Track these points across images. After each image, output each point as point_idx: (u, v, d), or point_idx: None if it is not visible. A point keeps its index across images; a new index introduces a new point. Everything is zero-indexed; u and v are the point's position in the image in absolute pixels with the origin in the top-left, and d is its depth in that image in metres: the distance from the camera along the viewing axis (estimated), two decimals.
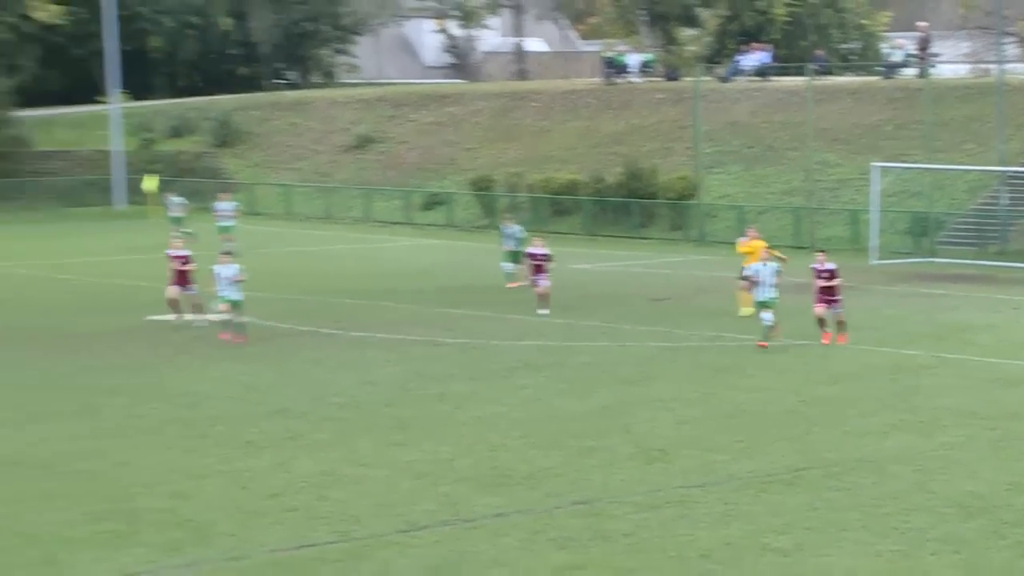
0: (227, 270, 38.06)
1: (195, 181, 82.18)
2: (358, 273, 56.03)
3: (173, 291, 40.79)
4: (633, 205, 71.06)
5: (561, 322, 41.52)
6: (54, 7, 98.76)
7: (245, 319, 37.95)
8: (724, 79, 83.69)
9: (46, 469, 24.59)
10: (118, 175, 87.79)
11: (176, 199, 70.84)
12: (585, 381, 32.59)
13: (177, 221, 67.91)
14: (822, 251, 38.62)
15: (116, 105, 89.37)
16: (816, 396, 30.81)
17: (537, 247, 44.46)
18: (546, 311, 42.54)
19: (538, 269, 43.49)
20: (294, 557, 19.39)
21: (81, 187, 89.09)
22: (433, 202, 79.90)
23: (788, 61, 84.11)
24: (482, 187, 77.29)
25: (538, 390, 31.63)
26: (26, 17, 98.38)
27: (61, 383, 32.82)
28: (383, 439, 26.72)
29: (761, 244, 41.39)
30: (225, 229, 63.25)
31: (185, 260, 41.13)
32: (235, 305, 37.91)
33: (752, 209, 66.78)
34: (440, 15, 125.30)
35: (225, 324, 37.32)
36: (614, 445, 26.02)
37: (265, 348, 37.69)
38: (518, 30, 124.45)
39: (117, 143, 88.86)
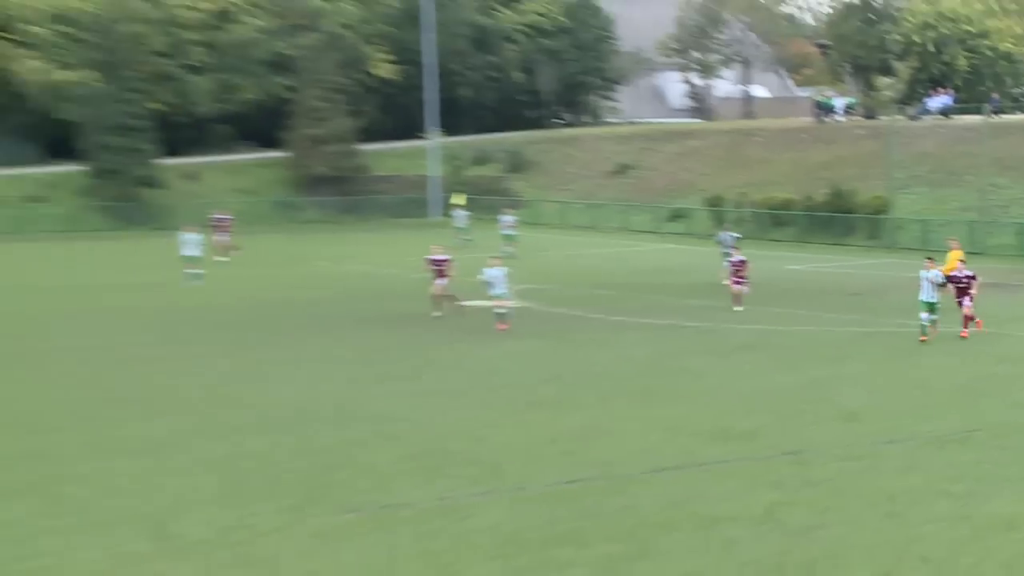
0: (495, 272, 37.76)
1: (492, 199, 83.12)
2: (616, 271, 56.09)
3: (438, 287, 40.54)
4: (836, 218, 70.28)
5: (776, 311, 41.04)
6: (389, 65, 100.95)
7: (504, 311, 37.38)
8: (913, 118, 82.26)
9: (381, 418, 25.20)
10: (433, 194, 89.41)
11: (461, 212, 71.76)
12: (794, 358, 32.23)
13: (460, 230, 68.84)
14: (962, 260, 37.11)
15: (433, 140, 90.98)
16: (985, 373, 29.98)
17: (736, 255, 43.49)
18: (740, 308, 41.16)
19: (737, 274, 42.25)
20: (564, 490, 19.57)
21: (404, 204, 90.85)
22: (675, 216, 79.63)
23: (967, 103, 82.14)
24: (715, 204, 76.96)
25: (757, 365, 31.37)
26: (369, 73, 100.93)
27: (391, 355, 33.51)
28: (635, 401, 26.78)
29: (959, 254, 40.13)
30: (508, 238, 63.70)
31: (440, 263, 40.56)
32: (500, 299, 37.57)
33: (934, 222, 65.48)
34: (684, 68, 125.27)
35: (500, 316, 37.34)
36: (817, 409, 25.76)
37: (543, 328, 37.97)
38: (746, 79, 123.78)
39: (433, 169, 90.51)
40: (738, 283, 41.78)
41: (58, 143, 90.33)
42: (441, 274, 40.53)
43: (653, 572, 15.89)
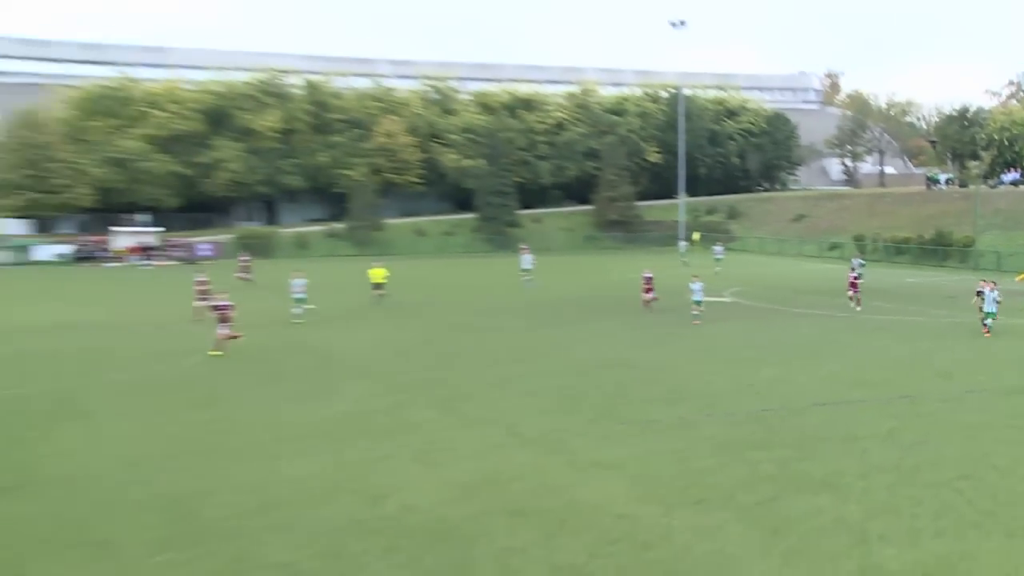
0: (696, 285, 34.19)
1: (716, 235, 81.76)
2: (793, 281, 53.78)
3: (645, 297, 37.60)
4: (939, 249, 66.24)
5: (897, 306, 38.62)
6: (656, 154, 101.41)
7: (697, 313, 33.78)
8: (993, 187, 78.69)
9: (644, 368, 24.80)
10: (680, 233, 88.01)
11: (682, 243, 70.83)
12: (909, 336, 30.16)
13: (681, 255, 67.46)
14: (984, 280, 33.17)
15: (682, 200, 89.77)
16: None
17: (852, 275, 39.31)
18: (859, 308, 37.07)
19: (852, 286, 38.35)
20: (757, 415, 18.95)
21: (663, 238, 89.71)
22: (833, 246, 76.46)
23: None
24: (858, 239, 73.83)
25: (884, 340, 29.48)
26: (644, 159, 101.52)
27: (647, 330, 32.84)
28: (804, 361, 25.60)
29: None
30: (717, 261, 61.36)
31: (648, 279, 37.72)
32: (698, 304, 33.78)
33: (1005, 252, 61.29)
34: (840, 155, 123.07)
35: (694, 316, 33.92)
36: (924, 369, 24.09)
37: (746, 315, 36.79)
38: (881, 162, 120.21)
39: (681, 217, 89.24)
40: (853, 294, 38.31)
41: (462, 201, 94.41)
42: (648, 289, 37.59)
43: (812, 468, 15.25)
